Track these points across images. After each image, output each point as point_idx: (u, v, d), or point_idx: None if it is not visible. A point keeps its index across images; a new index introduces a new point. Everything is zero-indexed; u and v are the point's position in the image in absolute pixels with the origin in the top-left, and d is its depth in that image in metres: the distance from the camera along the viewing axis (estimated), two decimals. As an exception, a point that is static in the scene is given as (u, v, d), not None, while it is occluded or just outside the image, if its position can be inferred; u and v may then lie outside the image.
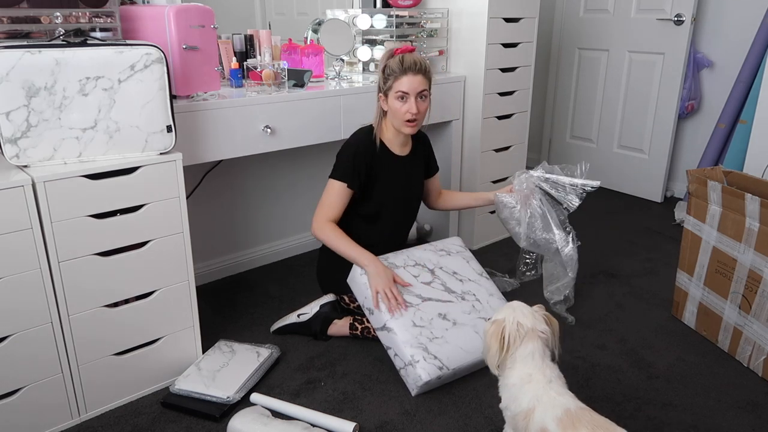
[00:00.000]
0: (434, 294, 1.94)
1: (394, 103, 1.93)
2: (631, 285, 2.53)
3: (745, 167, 2.53)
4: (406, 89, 1.91)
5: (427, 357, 1.77)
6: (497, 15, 2.56)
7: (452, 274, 2.02)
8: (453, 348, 1.82)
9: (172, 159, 1.69)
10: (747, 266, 1.89)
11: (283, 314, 2.22)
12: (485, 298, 2.00)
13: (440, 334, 1.84)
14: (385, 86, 1.95)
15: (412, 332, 1.81)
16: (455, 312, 1.91)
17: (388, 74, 1.93)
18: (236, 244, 2.62)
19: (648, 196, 3.63)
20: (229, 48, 2.24)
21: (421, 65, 1.92)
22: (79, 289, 1.59)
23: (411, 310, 1.86)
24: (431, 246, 2.11)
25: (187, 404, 1.73)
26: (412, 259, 2.02)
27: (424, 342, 1.80)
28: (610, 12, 3.58)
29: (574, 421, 1.22)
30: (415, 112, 1.92)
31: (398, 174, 2.06)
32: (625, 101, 3.62)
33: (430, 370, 1.75)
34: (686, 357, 2.01)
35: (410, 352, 1.78)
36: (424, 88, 1.93)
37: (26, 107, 1.47)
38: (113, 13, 1.79)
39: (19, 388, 1.56)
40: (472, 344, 1.85)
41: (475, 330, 1.88)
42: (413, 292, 1.91)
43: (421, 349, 1.78)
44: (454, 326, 1.87)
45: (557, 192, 2.06)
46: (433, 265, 2.03)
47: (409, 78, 1.90)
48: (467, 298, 1.97)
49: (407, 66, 1.90)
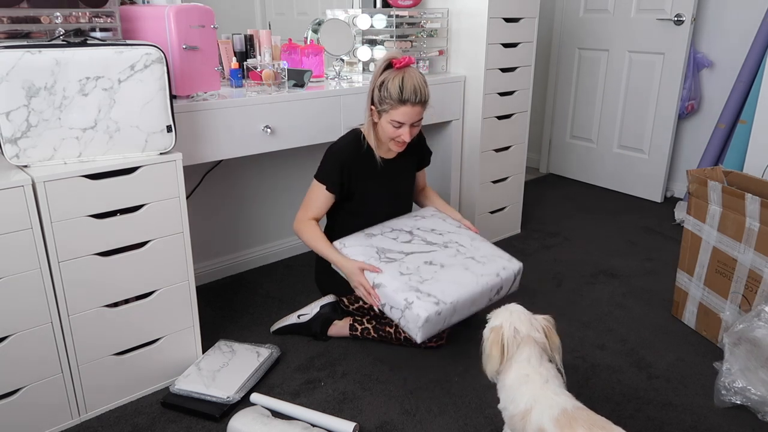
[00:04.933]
0: (416, 248, 1.94)
1: (387, 125, 1.89)
2: (631, 285, 2.53)
3: (745, 167, 2.53)
4: (402, 120, 1.86)
5: (421, 296, 1.75)
6: (497, 15, 2.56)
7: (430, 231, 2.03)
8: (446, 284, 1.80)
9: (172, 159, 1.69)
10: (747, 266, 1.89)
11: (283, 314, 2.22)
12: (468, 242, 2.01)
13: (429, 276, 1.83)
14: (379, 106, 1.88)
15: (401, 280, 1.80)
16: (441, 257, 1.91)
17: (384, 96, 1.85)
18: (236, 244, 2.62)
19: (648, 196, 3.63)
20: (229, 48, 2.24)
21: (421, 95, 1.85)
22: (79, 289, 1.59)
23: (395, 264, 1.85)
24: (406, 215, 2.13)
25: (187, 404, 1.73)
26: (389, 227, 2.03)
27: (414, 284, 1.78)
28: (610, 12, 3.58)
29: (571, 420, 1.23)
30: (407, 140, 1.90)
31: (385, 176, 2.05)
32: (625, 101, 3.62)
33: (428, 306, 1.73)
34: (686, 357, 2.01)
35: (403, 296, 1.76)
36: (420, 118, 1.90)
37: (26, 107, 1.47)
38: (113, 13, 1.79)
39: (19, 388, 1.56)
40: (465, 278, 1.84)
41: (465, 267, 1.88)
42: (395, 249, 1.91)
43: (413, 291, 1.76)
44: (442, 268, 1.87)
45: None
46: (410, 227, 2.04)
47: (407, 109, 1.84)
48: (450, 246, 1.97)
49: (407, 97, 1.82)
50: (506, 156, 2.87)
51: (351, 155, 1.96)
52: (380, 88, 1.86)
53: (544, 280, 2.57)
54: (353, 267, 1.86)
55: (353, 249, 1.92)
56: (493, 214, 2.93)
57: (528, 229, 3.14)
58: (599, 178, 3.88)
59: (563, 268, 2.69)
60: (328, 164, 1.96)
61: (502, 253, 2.01)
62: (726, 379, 1.75)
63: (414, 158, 2.15)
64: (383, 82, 1.85)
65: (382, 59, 1.90)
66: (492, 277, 1.88)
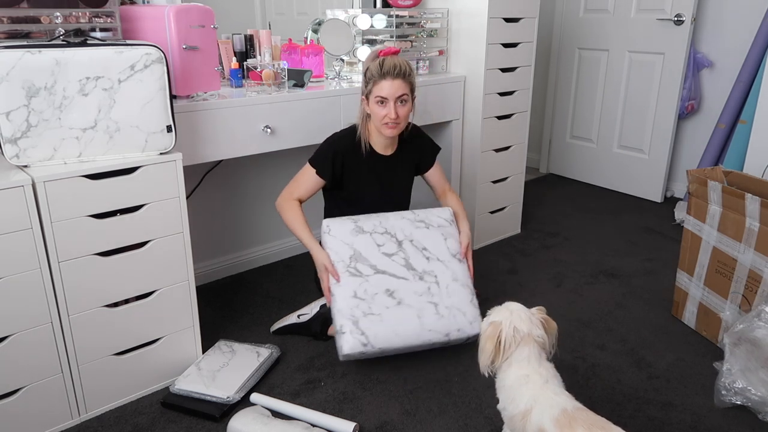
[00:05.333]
0: (390, 267, 1.87)
1: (375, 107, 1.91)
2: (631, 285, 2.53)
3: (745, 167, 2.53)
4: (385, 94, 1.87)
5: (354, 331, 1.77)
6: (497, 15, 2.56)
7: (421, 250, 1.92)
8: (385, 328, 1.79)
9: (172, 159, 1.69)
10: (747, 266, 1.89)
11: (283, 314, 2.22)
12: (446, 282, 1.89)
13: (378, 311, 1.80)
14: (366, 89, 1.93)
15: (349, 303, 1.80)
16: (405, 291, 1.85)
17: (368, 78, 1.90)
18: (236, 244, 2.62)
19: (648, 196, 3.63)
20: (229, 48, 2.24)
21: (400, 69, 1.87)
22: (79, 289, 1.59)
23: (358, 279, 1.84)
24: (412, 215, 1.98)
25: (187, 404, 1.73)
26: (384, 226, 1.92)
27: (357, 315, 1.79)
28: (610, 12, 3.58)
29: (571, 420, 1.23)
30: (393, 117, 1.89)
31: (378, 171, 2.03)
32: (625, 101, 3.62)
33: (354, 344, 1.76)
34: (686, 357, 2.01)
35: (340, 321, 1.79)
36: (404, 93, 1.89)
37: (26, 107, 1.47)
38: (113, 13, 1.79)
39: (19, 388, 1.56)
40: (408, 329, 1.80)
41: (419, 315, 1.82)
42: (368, 262, 1.87)
43: (351, 321, 1.78)
44: (397, 306, 1.82)
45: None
46: (404, 236, 1.92)
47: (388, 83, 1.86)
48: (426, 278, 1.88)
49: (386, 70, 1.86)
50: (506, 156, 2.87)
51: (346, 146, 1.98)
52: (365, 74, 1.93)
53: (544, 280, 2.57)
54: (320, 261, 1.89)
55: (334, 241, 1.89)
56: (493, 214, 2.93)
57: (528, 229, 3.14)
58: (599, 178, 3.88)
59: (563, 268, 2.69)
60: (322, 151, 1.98)
61: (471, 309, 1.88)
62: (726, 379, 1.75)
63: (413, 156, 2.11)
64: (367, 69, 1.92)
65: (368, 55, 1.97)
66: (439, 336, 1.83)
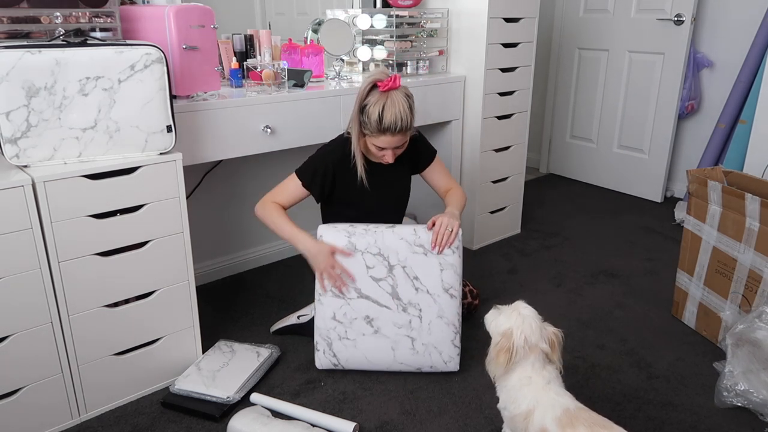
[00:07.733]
0: (375, 293, 1.82)
1: (371, 145, 1.84)
2: (631, 285, 2.53)
3: (745, 167, 2.53)
4: (384, 146, 1.81)
5: (326, 351, 1.87)
6: (497, 15, 2.56)
7: (412, 279, 1.82)
8: (358, 354, 1.87)
9: (172, 159, 1.69)
10: (747, 266, 1.89)
11: (283, 314, 2.22)
12: (429, 318, 1.82)
13: (354, 336, 1.85)
14: (363, 129, 1.81)
15: (327, 324, 1.85)
16: (385, 320, 1.83)
17: (365, 122, 1.78)
18: (236, 244, 2.62)
19: (648, 196, 3.63)
20: (229, 48, 2.24)
21: (401, 125, 1.75)
22: (79, 289, 1.59)
23: (340, 302, 1.84)
24: (412, 235, 1.82)
25: (187, 404, 1.73)
26: (378, 246, 1.81)
27: (332, 337, 1.86)
28: (610, 12, 3.58)
29: (573, 420, 1.24)
30: (390, 161, 1.85)
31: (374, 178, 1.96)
32: (625, 101, 3.62)
33: (325, 362, 1.89)
34: (686, 357, 2.01)
35: (317, 338, 1.87)
36: (403, 142, 1.83)
37: (26, 107, 1.47)
38: (113, 13, 1.79)
39: (19, 388, 1.56)
40: (380, 358, 1.87)
41: (393, 347, 1.85)
42: (353, 285, 1.83)
43: (325, 342, 1.86)
44: (374, 335, 1.85)
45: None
46: (397, 261, 1.81)
47: (387, 138, 1.77)
48: (409, 310, 1.83)
49: (386, 126, 1.74)
50: (506, 156, 2.87)
51: (335, 162, 1.90)
52: (362, 112, 1.79)
53: (544, 280, 2.57)
54: (323, 248, 1.80)
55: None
56: (493, 214, 2.93)
57: (528, 229, 3.14)
58: (599, 178, 3.88)
59: (563, 268, 2.69)
60: (311, 164, 1.91)
61: (450, 348, 1.85)
62: (728, 381, 1.74)
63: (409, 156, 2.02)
64: (365, 107, 1.78)
65: (366, 79, 1.79)
66: (410, 369, 1.89)
